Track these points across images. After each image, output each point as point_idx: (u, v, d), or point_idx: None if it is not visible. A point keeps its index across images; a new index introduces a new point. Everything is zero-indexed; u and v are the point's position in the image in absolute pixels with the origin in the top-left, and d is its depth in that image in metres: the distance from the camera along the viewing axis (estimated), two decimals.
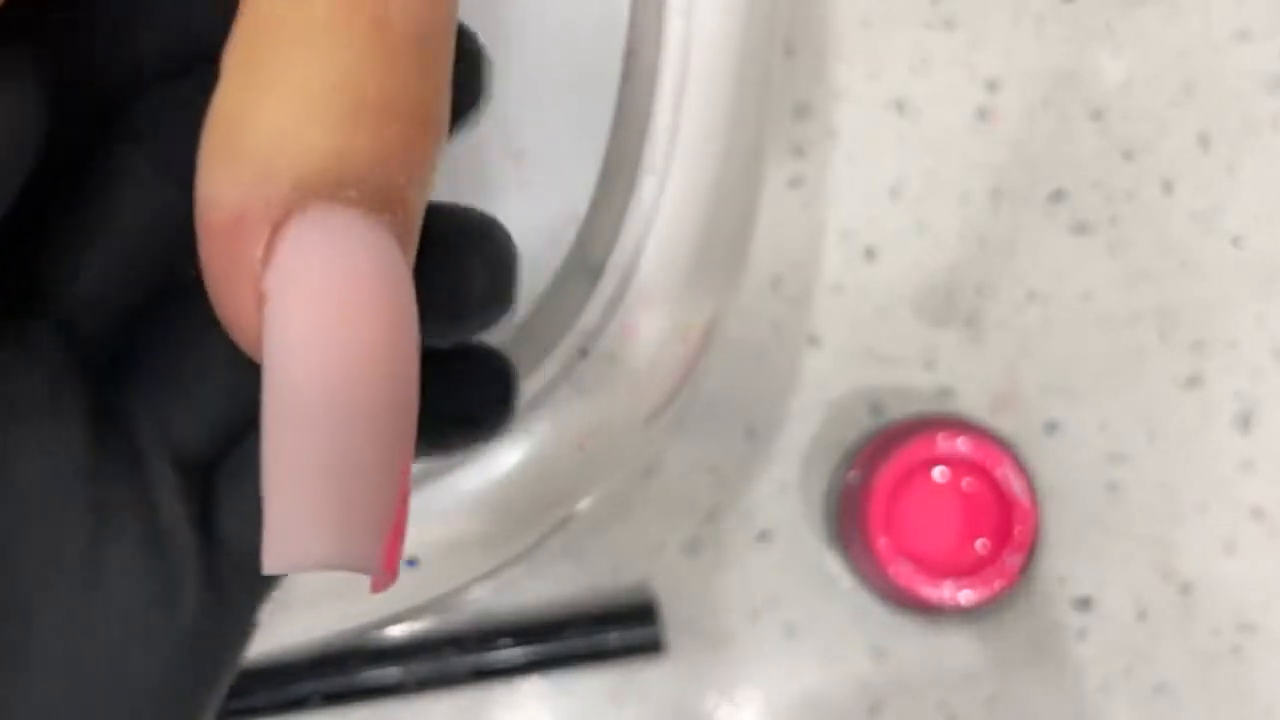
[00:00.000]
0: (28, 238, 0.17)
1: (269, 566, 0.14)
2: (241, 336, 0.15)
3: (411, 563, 0.32)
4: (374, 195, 0.15)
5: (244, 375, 0.17)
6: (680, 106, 0.30)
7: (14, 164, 0.16)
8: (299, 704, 0.38)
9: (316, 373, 0.14)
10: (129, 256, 0.18)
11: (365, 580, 0.17)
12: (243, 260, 0.14)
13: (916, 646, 0.38)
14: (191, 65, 0.17)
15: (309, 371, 0.14)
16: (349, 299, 0.14)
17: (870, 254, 0.39)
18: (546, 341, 0.31)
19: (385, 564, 0.15)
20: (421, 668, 0.37)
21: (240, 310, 0.15)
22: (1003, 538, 0.36)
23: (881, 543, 0.36)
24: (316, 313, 0.14)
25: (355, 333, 0.14)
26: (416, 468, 0.31)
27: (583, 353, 0.32)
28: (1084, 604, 0.39)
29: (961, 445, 0.36)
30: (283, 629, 0.33)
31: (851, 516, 0.37)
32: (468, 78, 0.17)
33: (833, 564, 0.39)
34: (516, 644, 0.37)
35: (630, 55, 0.31)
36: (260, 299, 0.14)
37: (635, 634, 0.38)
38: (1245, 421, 0.39)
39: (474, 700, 0.38)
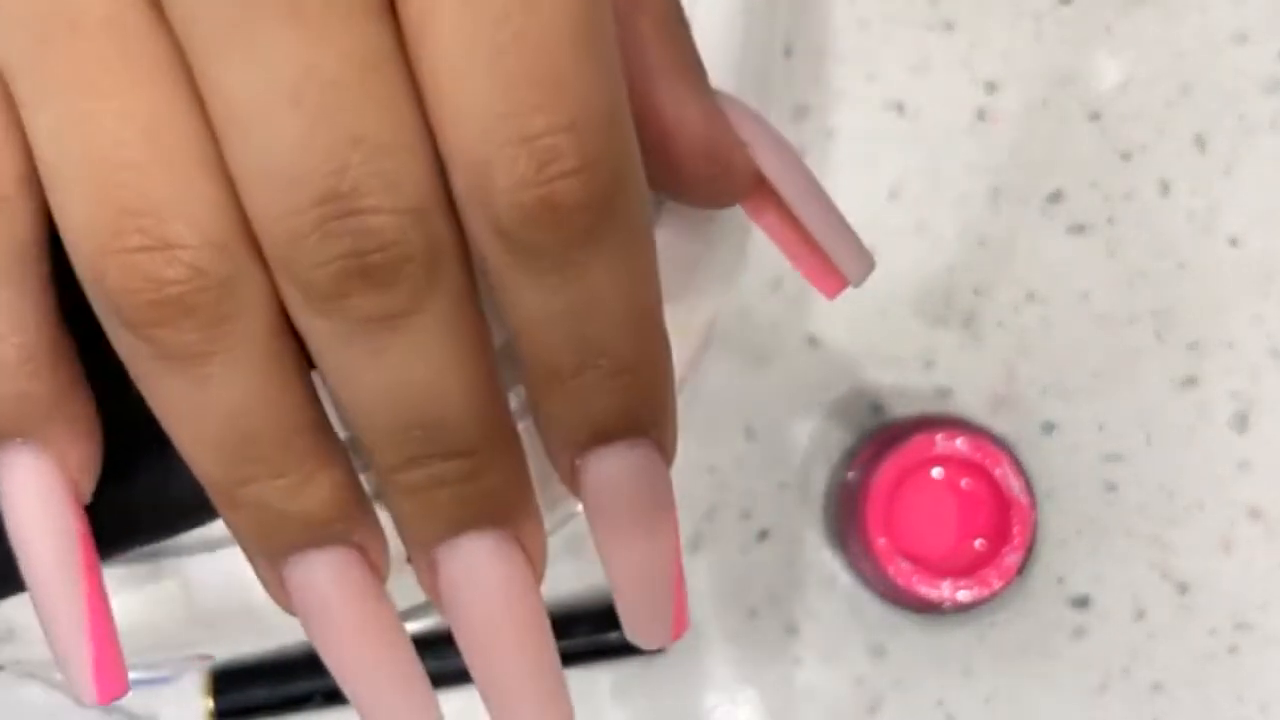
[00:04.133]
0: None
1: None
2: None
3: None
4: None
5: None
6: None
7: None
8: (300, 702, 0.38)
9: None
10: None
11: None
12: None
13: (915, 645, 0.39)
14: None
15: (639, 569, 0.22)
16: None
17: None
18: None
19: (676, 629, 0.23)
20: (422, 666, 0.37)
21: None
22: (1001, 537, 0.36)
23: (880, 542, 0.36)
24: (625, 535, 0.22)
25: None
26: None
27: None
28: (1081, 603, 0.39)
29: (960, 445, 0.36)
30: (284, 628, 0.33)
31: (850, 516, 0.37)
32: None
33: (832, 563, 0.39)
34: None
35: None
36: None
37: None
38: (1242, 421, 0.39)
39: (474, 699, 0.38)
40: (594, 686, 0.38)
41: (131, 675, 0.37)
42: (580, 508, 0.34)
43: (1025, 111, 0.39)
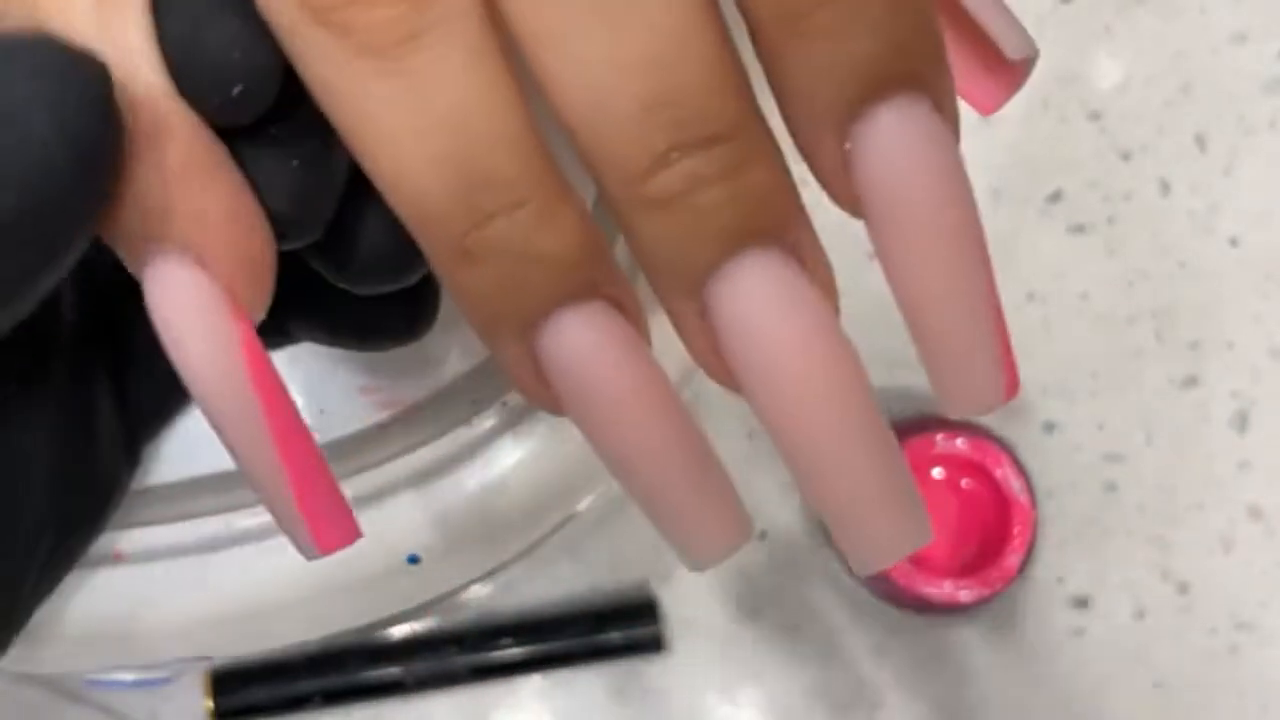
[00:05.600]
0: None
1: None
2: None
3: (413, 560, 0.32)
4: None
5: None
6: None
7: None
8: (299, 703, 0.38)
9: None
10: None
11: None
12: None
13: (916, 645, 0.39)
14: None
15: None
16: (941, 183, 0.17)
17: (871, 255, 0.39)
18: None
19: (1009, 382, 0.18)
20: (422, 666, 0.37)
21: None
22: (1001, 537, 0.36)
23: None
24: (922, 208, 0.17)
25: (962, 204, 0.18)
26: (417, 466, 0.31)
27: None
28: (1082, 603, 0.39)
29: (960, 445, 0.36)
30: (284, 628, 0.33)
31: None
32: None
33: (832, 563, 0.39)
34: (517, 642, 0.38)
35: None
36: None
37: (636, 632, 0.38)
38: (1242, 421, 0.39)
39: (475, 699, 0.38)
40: (594, 686, 0.38)
41: (131, 675, 0.37)
42: (582, 506, 0.35)
43: (1025, 111, 0.39)
